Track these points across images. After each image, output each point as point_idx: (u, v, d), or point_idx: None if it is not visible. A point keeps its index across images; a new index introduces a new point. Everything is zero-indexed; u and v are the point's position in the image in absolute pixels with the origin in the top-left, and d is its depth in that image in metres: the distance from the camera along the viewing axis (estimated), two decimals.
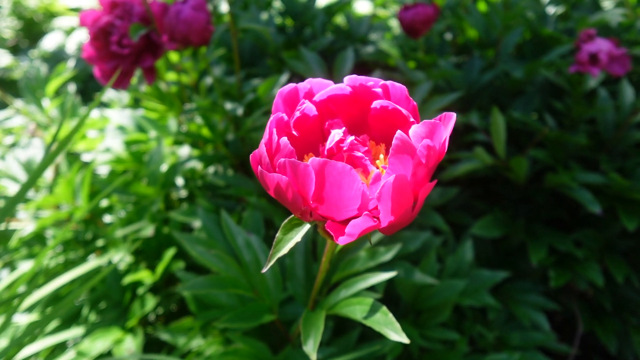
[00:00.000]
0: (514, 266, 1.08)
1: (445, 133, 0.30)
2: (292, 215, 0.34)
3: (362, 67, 1.49)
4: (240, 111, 0.93)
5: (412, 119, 0.31)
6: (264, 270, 0.33)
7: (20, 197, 0.56)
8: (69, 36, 2.64)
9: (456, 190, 0.99)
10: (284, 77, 1.04)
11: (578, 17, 1.29)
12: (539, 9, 1.37)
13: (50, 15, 3.39)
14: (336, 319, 0.83)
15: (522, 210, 1.12)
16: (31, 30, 3.39)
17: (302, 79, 1.42)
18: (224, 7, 1.49)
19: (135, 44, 0.77)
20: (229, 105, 0.94)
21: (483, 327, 0.97)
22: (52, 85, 1.31)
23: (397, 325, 0.40)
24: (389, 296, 0.95)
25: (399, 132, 0.27)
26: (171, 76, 1.18)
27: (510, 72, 1.21)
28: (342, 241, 0.27)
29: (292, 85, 0.33)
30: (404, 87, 0.32)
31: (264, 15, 1.45)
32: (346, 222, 0.28)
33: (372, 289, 0.73)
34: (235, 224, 0.66)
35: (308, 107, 0.33)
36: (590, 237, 1.02)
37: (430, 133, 0.29)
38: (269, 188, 0.29)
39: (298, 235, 0.34)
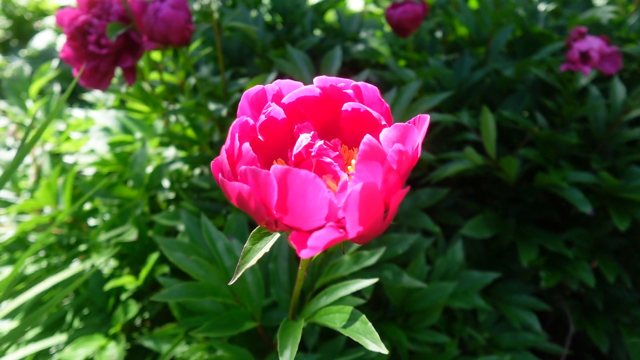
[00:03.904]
0: (504, 266, 1.06)
1: (418, 137, 0.28)
2: None
3: (353, 66, 1.47)
4: (224, 112, 0.91)
5: (383, 122, 0.30)
6: (231, 282, 0.32)
7: None
8: (60, 35, 2.63)
9: (446, 191, 0.97)
10: (272, 76, 1.02)
11: (569, 14, 1.28)
12: (530, 6, 1.35)
13: (41, 13, 3.37)
14: None
15: (512, 210, 1.10)
16: (21, 28, 3.36)
17: (291, 79, 1.39)
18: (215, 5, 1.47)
19: (113, 44, 0.75)
20: (212, 106, 0.92)
21: (473, 328, 0.96)
22: (36, 86, 1.29)
23: (376, 335, 0.39)
24: (377, 299, 0.94)
25: (366, 137, 0.25)
26: (155, 76, 1.16)
27: (501, 71, 1.19)
28: (304, 255, 0.25)
29: (259, 86, 0.32)
30: (376, 88, 0.31)
31: (253, 13, 1.42)
32: (313, 232, 0.27)
33: (357, 293, 0.71)
34: (216, 229, 0.64)
35: (275, 110, 0.31)
36: (580, 237, 1.01)
37: (403, 137, 0.28)
38: (230, 197, 0.27)
39: (267, 246, 0.32)
